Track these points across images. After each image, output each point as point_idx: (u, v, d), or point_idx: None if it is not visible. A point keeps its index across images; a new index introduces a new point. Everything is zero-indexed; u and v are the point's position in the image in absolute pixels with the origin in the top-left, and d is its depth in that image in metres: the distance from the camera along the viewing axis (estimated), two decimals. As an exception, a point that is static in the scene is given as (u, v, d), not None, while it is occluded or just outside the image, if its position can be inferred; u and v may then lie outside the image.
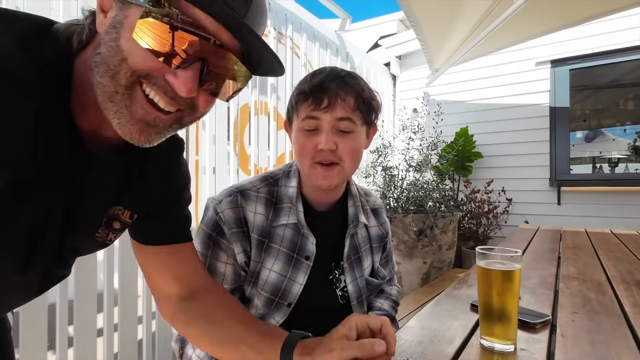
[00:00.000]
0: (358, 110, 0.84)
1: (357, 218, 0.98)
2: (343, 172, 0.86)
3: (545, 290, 1.08)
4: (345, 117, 0.83)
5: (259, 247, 0.88)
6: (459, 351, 0.68)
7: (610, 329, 0.78)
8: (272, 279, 0.89)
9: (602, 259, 1.52)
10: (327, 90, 0.82)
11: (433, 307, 0.94)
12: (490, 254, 0.70)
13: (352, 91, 0.83)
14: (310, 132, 0.85)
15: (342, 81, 0.84)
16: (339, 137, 0.84)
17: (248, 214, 0.87)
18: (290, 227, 0.91)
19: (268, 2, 2.69)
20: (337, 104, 0.82)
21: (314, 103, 0.82)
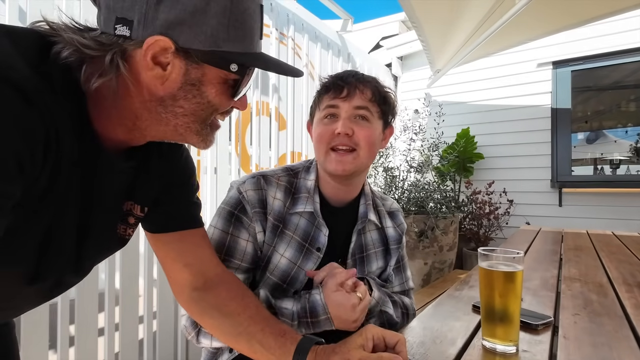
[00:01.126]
0: (375, 102, 0.91)
1: (365, 215, 1.00)
2: (358, 159, 0.90)
3: (547, 291, 1.08)
4: (362, 106, 0.89)
5: (274, 231, 0.90)
6: (461, 352, 0.68)
7: (612, 331, 0.78)
8: (282, 265, 0.90)
9: (604, 261, 1.52)
10: (346, 81, 0.90)
11: (435, 308, 0.94)
12: (493, 255, 0.70)
13: (369, 84, 0.91)
14: (329, 120, 0.91)
15: (361, 76, 0.93)
16: (356, 125, 0.89)
17: (268, 197, 0.91)
18: (305, 216, 0.93)
19: (270, 3, 2.69)
20: (355, 94, 0.89)
21: (334, 92, 0.90)
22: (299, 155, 2.98)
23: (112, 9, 0.51)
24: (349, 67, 3.68)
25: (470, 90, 4.28)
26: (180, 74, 0.53)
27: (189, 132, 0.58)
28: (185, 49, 0.52)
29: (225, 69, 0.55)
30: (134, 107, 0.55)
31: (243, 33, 0.55)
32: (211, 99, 0.56)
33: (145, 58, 0.51)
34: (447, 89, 4.38)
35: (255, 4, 0.56)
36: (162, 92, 0.54)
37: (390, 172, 3.42)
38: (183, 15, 0.50)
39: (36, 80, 0.45)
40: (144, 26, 0.50)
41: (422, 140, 3.64)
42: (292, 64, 2.90)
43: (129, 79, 0.52)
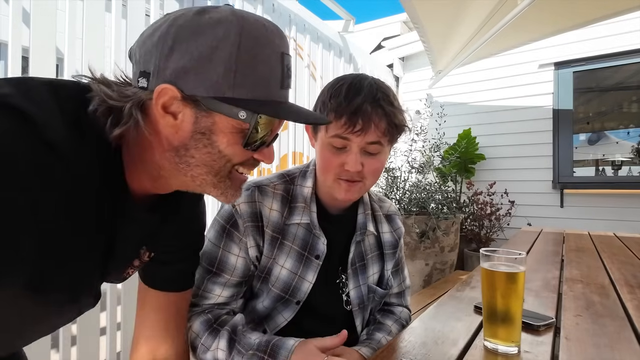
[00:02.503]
0: (389, 134, 0.84)
1: (365, 226, 0.98)
2: (364, 188, 0.87)
3: (548, 292, 1.08)
4: (375, 141, 0.82)
5: (273, 243, 0.89)
6: (462, 353, 0.68)
7: (614, 332, 0.78)
8: (283, 276, 0.89)
9: (606, 262, 1.52)
10: (362, 114, 0.80)
11: (436, 309, 0.94)
12: (495, 256, 0.70)
13: (383, 116, 0.82)
14: (337, 150, 0.84)
15: (377, 104, 0.81)
16: (366, 158, 0.84)
17: (264, 209, 0.89)
18: (303, 226, 0.92)
19: (272, 4, 2.70)
20: (370, 129, 0.80)
21: (346, 124, 0.80)
22: (300, 156, 2.98)
23: (137, 64, 0.54)
24: (350, 67, 3.68)
25: (471, 91, 4.28)
26: (191, 123, 0.53)
27: (205, 184, 0.58)
28: (191, 96, 0.52)
29: (234, 116, 0.53)
30: (155, 158, 0.57)
31: (254, 81, 0.53)
32: (222, 149, 0.55)
33: (157, 107, 0.52)
34: (449, 90, 4.38)
35: (272, 51, 0.55)
36: (177, 141, 0.55)
37: (392, 172, 3.42)
38: (190, 63, 0.51)
39: (70, 136, 0.48)
40: (157, 76, 0.52)
41: (424, 141, 3.64)
42: (293, 64, 2.90)
43: (146, 129, 0.53)
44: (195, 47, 0.51)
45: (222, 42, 0.51)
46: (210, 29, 0.52)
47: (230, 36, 0.52)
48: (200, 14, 0.53)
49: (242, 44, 0.52)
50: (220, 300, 0.87)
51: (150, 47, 0.52)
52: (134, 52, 0.56)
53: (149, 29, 0.55)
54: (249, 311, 0.93)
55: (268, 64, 0.54)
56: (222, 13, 0.53)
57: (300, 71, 3.01)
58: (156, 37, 0.52)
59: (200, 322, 0.84)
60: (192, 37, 0.51)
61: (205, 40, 0.51)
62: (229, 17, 0.53)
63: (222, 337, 0.80)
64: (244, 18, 0.53)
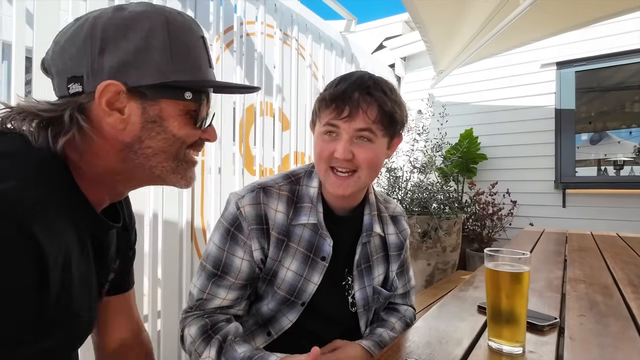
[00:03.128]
0: (380, 122, 0.82)
1: (371, 227, 0.97)
2: (359, 181, 0.85)
3: (552, 292, 1.08)
4: (365, 127, 0.81)
5: (278, 245, 0.88)
6: (467, 353, 0.68)
7: (618, 332, 0.78)
8: (289, 278, 0.89)
9: (609, 262, 1.52)
10: (349, 100, 0.80)
11: (440, 309, 0.95)
12: (499, 256, 0.70)
13: (374, 103, 0.81)
14: (329, 137, 0.84)
15: (366, 91, 0.81)
16: (357, 146, 0.82)
17: (269, 211, 0.88)
18: (309, 227, 0.91)
19: (274, 4, 2.70)
20: (357, 115, 0.80)
21: (335, 111, 0.81)
22: (302, 156, 2.99)
23: (62, 72, 0.53)
24: (352, 67, 3.68)
25: (473, 91, 4.28)
26: (139, 114, 0.55)
27: (165, 172, 0.59)
28: (136, 87, 0.53)
29: (180, 98, 0.56)
30: (108, 163, 0.56)
31: (190, 63, 0.57)
32: (176, 132, 0.57)
33: (101, 105, 0.52)
34: (451, 90, 4.38)
35: (196, 36, 0.59)
36: (128, 137, 0.55)
37: (394, 172, 3.42)
38: (126, 57, 0.52)
39: (15, 192, 0.44)
40: (93, 77, 0.52)
41: (426, 141, 3.63)
42: (295, 64, 2.91)
43: (92, 131, 0.53)
44: (128, 41, 0.52)
45: (152, 32, 0.54)
46: (137, 22, 0.54)
47: (158, 27, 0.54)
48: (120, 10, 0.54)
49: (171, 32, 0.55)
50: (225, 303, 0.87)
51: (75, 52, 0.52)
52: (50, 63, 0.55)
53: (63, 37, 0.54)
54: (254, 314, 0.93)
55: (195, 48, 0.58)
56: (141, 6, 0.55)
57: (303, 71, 3.01)
58: (79, 41, 0.52)
59: (198, 327, 0.84)
60: (121, 33, 0.53)
61: (135, 33, 0.53)
62: (149, 9, 0.55)
63: (213, 345, 0.80)
64: (163, 9, 0.57)
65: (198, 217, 2.15)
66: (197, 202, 2.14)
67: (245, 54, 2.44)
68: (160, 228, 1.93)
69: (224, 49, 2.29)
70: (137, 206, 1.77)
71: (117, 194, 0.62)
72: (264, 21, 2.61)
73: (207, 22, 2.20)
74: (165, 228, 1.94)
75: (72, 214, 0.52)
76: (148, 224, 1.90)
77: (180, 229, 2.03)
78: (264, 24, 2.61)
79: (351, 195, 0.88)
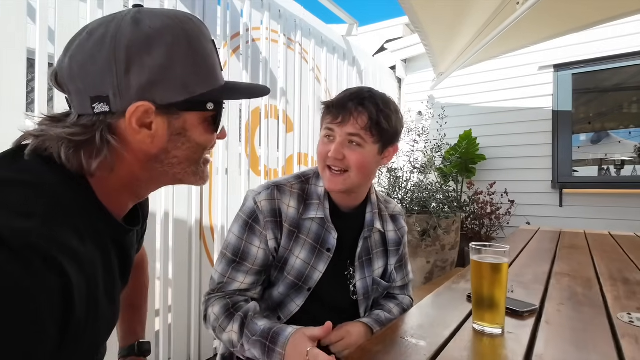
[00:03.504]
0: (369, 130, 0.94)
1: (372, 224, 1.09)
2: (349, 180, 0.97)
3: (537, 285, 1.18)
4: (355, 133, 0.94)
5: (290, 236, 1.00)
6: (453, 333, 0.78)
7: (590, 318, 0.88)
8: (298, 265, 1.01)
9: (595, 258, 1.61)
10: (343, 108, 0.95)
11: (433, 298, 1.04)
12: (483, 249, 0.80)
13: (365, 112, 0.94)
14: (327, 140, 0.98)
15: (359, 102, 0.94)
16: (348, 149, 0.95)
17: (282, 206, 1.00)
18: (316, 221, 1.03)
19: (278, 10, 2.79)
20: (349, 121, 0.94)
21: (331, 117, 0.96)
22: (305, 157, 3.08)
23: (83, 92, 0.53)
24: (354, 70, 3.78)
25: (472, 93, 4.37)
26: (165, 128, 0.57)
27: (187, 175, 0.63)
28: (166, 105, 0.55)
29: (203, 109, 0.59)
30: (133, 172, 0.59)
31: (208, 71, 0.59)
32: (198, 140, 0.60)
33: (131, 125, 0.54)
34: (450, 91, 4.47)
35: (209, 41, 0.60)
36: (154, 149, 0.57)
37: (394, 172, 3.52)
38: (152, 76, 0.53)
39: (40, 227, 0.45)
40: (121, 97, 0.53)
41: (426, 142, 3.73)
42: (299, 68, 3.01)
43: (122, 149, 0.55)
44: (152, 59, 0.53)
45: (175, 46, 0.54)
46: (159, 38, 0.54)
47: (179, 40, 0.55)
48: (138, 24, 0.53)
49: (191, 44, 0.56)
50: (243, 287, 0.98)
51: (98, 71, 0.52)
52: (67, 81, 0.54)
53: (80, 54, 0.53)
54: (266, 299, 1.04)
55: (211, 55, 0.60)
56: (159, 19, 0.55)
57: (305, 74, 3.11)
58: (102, 61, 0.52)
59: (220, 306, 0.95)
60: (145, 51, 0.53)
61: (159, 49, 0.53)
62: (168, 23, 0.55)
63: (236, 321, 0.91)
64: (179, 18, 0.57)
65: (206, 216, 2.25)
66: (206, 202, 2.24)
67: (251, 58, 2.54)
68: (171, 226, 2.03)
69: (231, 55, 2.39)
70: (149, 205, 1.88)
71: (139, 197, 0.66)
72: (269, 27, 2.70)
73: (214, 29, 2.29)
74: (175, 226, 2.04)
75: (96, 234, 0.54)
76: (159, 223, 2.00)
77: (190, 227, 2.13)
78: (269, 29, 2.70)
79: (345, 191, 1.00)
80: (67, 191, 0.52)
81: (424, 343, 0.73)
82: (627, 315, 0.89)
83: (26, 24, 1.46)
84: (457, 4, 2.64)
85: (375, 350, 0.70)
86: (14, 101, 1.41)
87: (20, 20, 1.43)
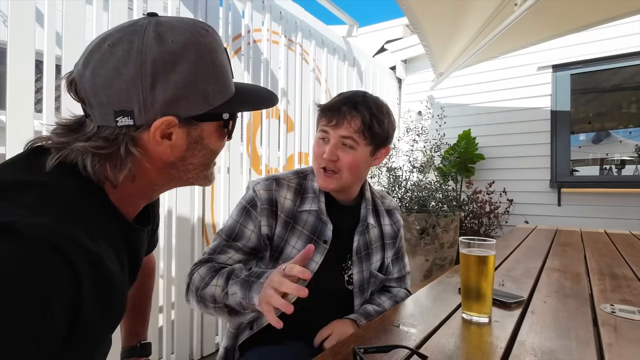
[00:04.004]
0: (362, 133, 0.99)
1: (366, 219, 1.14)
2: (341, 180, 1.03)
3: (527, 279, 1.22)
4: (348, 136, 0.99)
5: (285, 226, 1.06)
6: (443, 322, 0.83)
7: (574, 309, 0.92)
8: (294, 255, 1.04)
9: (587, 255, 1.65)
10: (337, 111, 1.00)
11: (426, 291, 1.09)
12: (471, 243, 0.84)
13: (358, 116, 0.99)
14: (322, 142, 1.04)
15: (353, 106, 0.99)
16: (341, 151, 1.01)
17: (279, 197, 1.06)
18: (313, 213, 1.08)
19: (279, 11, 2.84)
20: (343, 124, 0.99)
21: (326, 120, 1.02)
22: (306, 156, 3.13)
23: (107, 105, 0.54)
24: (354, 71, 3.82)
25: (472, 93, 4.40)
26: (184, 138, 0.59)
27: (199, 179, 0.66)
28: (188, 119, 0.58)
29: (219, 119, 0.62)
30: (150, 179, 0.62)
31: (225, 83, 0.61)
32: (213, 147, 0.64)
33: (155, 137, 0.56)
34: (450, 92, 4.51)
35: (223, 51, 0.62)
36: (172, 157, 0.60)
37: (394, 172, 3.56)
38: (178, 92, 0.55)
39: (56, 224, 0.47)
40: (146, 112, 0.54)
41: (425, 142, 3.77)
42: (299, 69, 3.05)
43: (143, 160, 0.58)
44: (177, 75, 0.55)
45: (198, 62, 0.57)
46: (183, 55, 0.55)
47: (202, 55, 0.57)
48: (162, 40, 0.54)
49: (212, 59, 0.59)
50: (230, 262, 1.03)
51: (124, 87, 0.53)
52: (89, 93, 0.55)
53: (103, 68, 0.54)
54: None
55: (226, 65, 0.62)
56: (182, 35, 0.56)
57: (306, 75, 3.15)
58: (129, 77, 0.53)
59: (206, 267, 0.99)
60: (170, 68, 0.54)
61: (183, 67, 0.55)
62: (189, 36, 0.57)
63: (222, 275, 0.94)
64: (198, 31, 0.58)
65: (209, 214, 2.30)
66: (208, 200, 2.29)
67: (252, 59, 2.59)
68: (174, 225, 2.08)
69: (233, 56, 2.44)
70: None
71: (151, 199, 0.68)
72: (270, 28, 2.75)
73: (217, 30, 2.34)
74: (178, 225, 2.09)
75: (109, 235, 0.56)
76: (163, 221, 2.05)
77: (192, 225, 2.18)
78: (270, 30, 2.75)
79: (338, 190, 1.06)
80: (82, 194, 0.54)
81: (415, 330, 0.78)
82: (610, 307, 0.93)
83: (34, 27, 1.51)
84: (456, 5, 2.68)
85: (368, 336, 0.75)
86: (24, 102, 1.46)
87: (28, 24, 1.48)
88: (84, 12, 1.69)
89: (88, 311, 0.49)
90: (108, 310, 0.56)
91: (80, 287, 0.47)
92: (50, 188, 0.52)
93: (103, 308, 0.54)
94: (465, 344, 0.72)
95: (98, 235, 0.54)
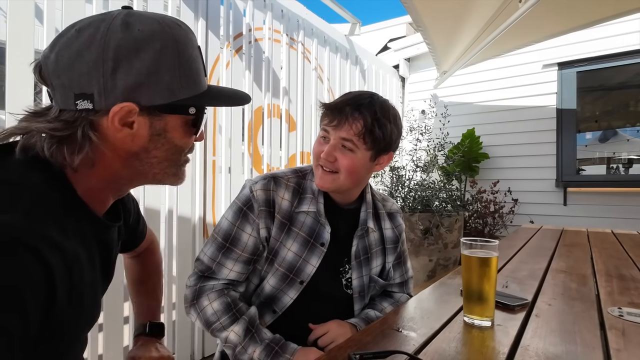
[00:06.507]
0: (362, 136, 0.95)
1: (365, 222, 1.10)
2: (338, 181, 0.99)
3: (532, 281, 1.19)
4: (347, 138, 0.95)
5: (281, 227, 1.02)
6: (444, 325, 0.80)
7: (580, 312, 0.89)
8: (289, 258, 1.02)
9: (594, 256, 1.62)
10: (340, 112, 0.96)
11: (427, 293, 1.06)
12: (473, 244, 0.81)
13: (360, 119, 0.94)
14: (323, 140, 1.01)
15: (356, 108, 0.95)
16: (340, 153, 0.97)
17: (277, 197, 1.02)
18: (310, 215, 1.04)
19: (281, 10, 2.82)
20: (344, 126, 0.95)
21: (328, 119, 0.98)
22: (308, 155, 3.11)
23: (68, 87, 0.54)
24: (356, 69, 3.79)
25: (476, 91, 4.36)
26: (147, 128, 0.58)
27: (166, 176, 0.65)
28: (148, 107, 0.57)
29: (185, 113, 0.61)
30: (114, 169, 0.60)
31: (193, 78, 0.60)
32: (177, 143, 0.62)
33: (113, 124, 0.55)
34: (453, 90, 4.47)
35: (195, 48, 0.62)
36: (135, 147, 0.59)
37: (397, 171, 3.53)
38: (139, 78, 0.55)
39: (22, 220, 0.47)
40: (105, 96, 0.54)
41: (428, 141, 3.74)
42: (301, 67, 3.03)
43: (103, 146, 0.57)
44: (140, 62, 0.55)
45: (163, 52, 0.56)
46: (147, 43, 0.55)
47: (168, 46, 0.57)
48: (128, 27, 0.55)
49: (179, 51, 0.58)
50: (231, 275, 1.00)
51: (85, 70, 0.53)
52: (51, 75, 0.55)
53: (67, 51, 0.54)
54: (259, 293, 1.06)
55: (196, 61, 0.62)
56: (150, 24, 0.56)
57: (308, 74, 3.13)
58: (90, 60, 0.53)
59: (220, 302, 0.97)
60: (133, 54, 0.54)
61: (147, 54, 0.55)
62: (158, 29, 0.57)
63: (240, 323, 0.95)
64: (167, 24, 0.58)
65: (210, 214, 2.28)
66: (209, 200, 2.28)
67: (253, 58, 2.57)
68: (174, 224, 2.07)
69: (234, 54, 2.42)
70: (153, 203, 1.92)
71: (120, 193, 0.67)
72: (271, 27, 2.73)
73: (217, 29, 2.33)
74: (179, 224, 2.08)
75: (78, 230, 0.56)
76: (164, 221, 2.04)
77: (193, 225, 2.17)
78: (271, 29, 2.73)
79: (335, 190, 1.03)
80: (50, 189, 0.54)
81: (414, 334, 0.75)
82: (618, 310, 0.90)
83: (34, 25, 1.50)
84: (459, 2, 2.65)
85: (365, 340, 0.72)
86: (23, 101, 1.45)
87: (28, 22, 1.48)
88: (84, 12, 1.68)
89: (62, 307, 0.50)
90: (83, 306, 0.56)
91: (52, 282, 0.47)
92: (17, 185, 0.51)
93: (78, 304, 0.54)
94: (467, 349, 0.70)
95: (68, 230, 0.54)
